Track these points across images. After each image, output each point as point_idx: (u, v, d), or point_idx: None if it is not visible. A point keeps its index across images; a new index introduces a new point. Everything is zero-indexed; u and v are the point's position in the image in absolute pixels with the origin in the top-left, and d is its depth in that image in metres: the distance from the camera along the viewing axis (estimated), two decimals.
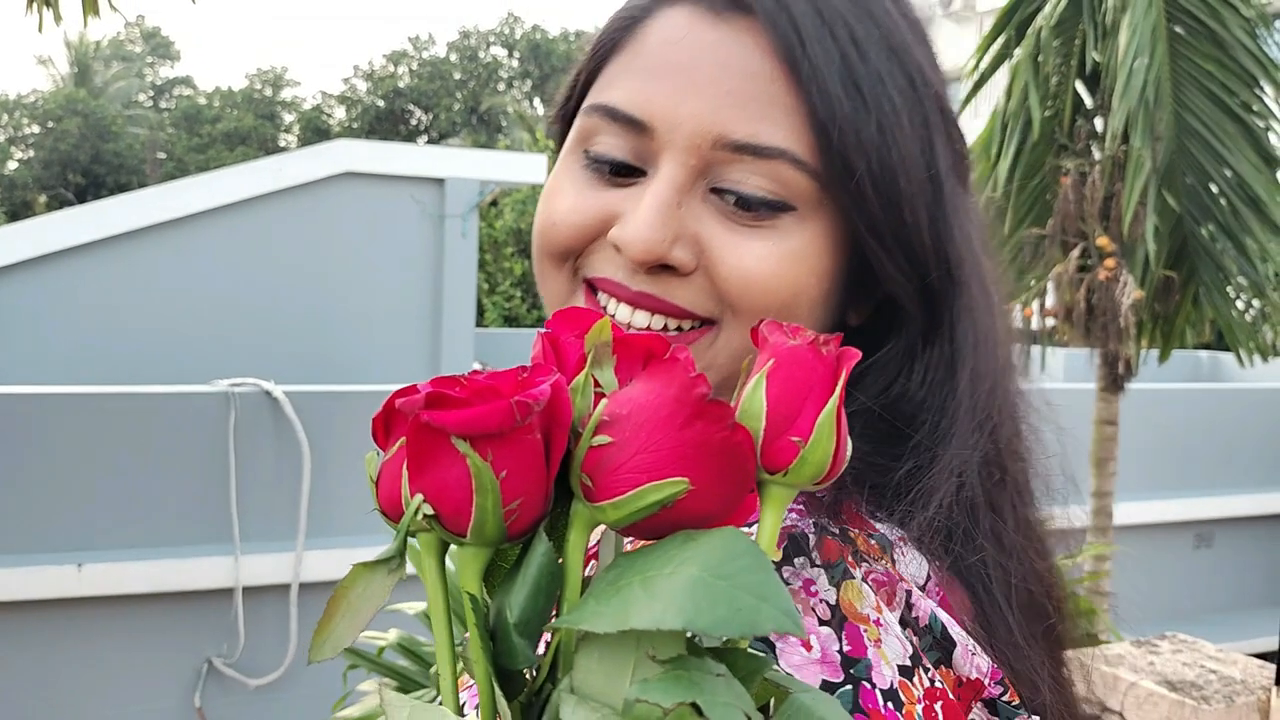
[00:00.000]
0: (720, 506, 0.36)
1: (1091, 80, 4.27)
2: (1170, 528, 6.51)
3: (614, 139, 0.62)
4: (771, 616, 0.31)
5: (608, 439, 0.36)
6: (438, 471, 0.35)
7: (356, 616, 0.38)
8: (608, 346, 0.39)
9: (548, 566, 0.36)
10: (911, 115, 0.61)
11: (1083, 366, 8.18)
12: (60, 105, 29.89)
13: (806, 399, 0.38)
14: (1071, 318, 3.94)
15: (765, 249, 0.60)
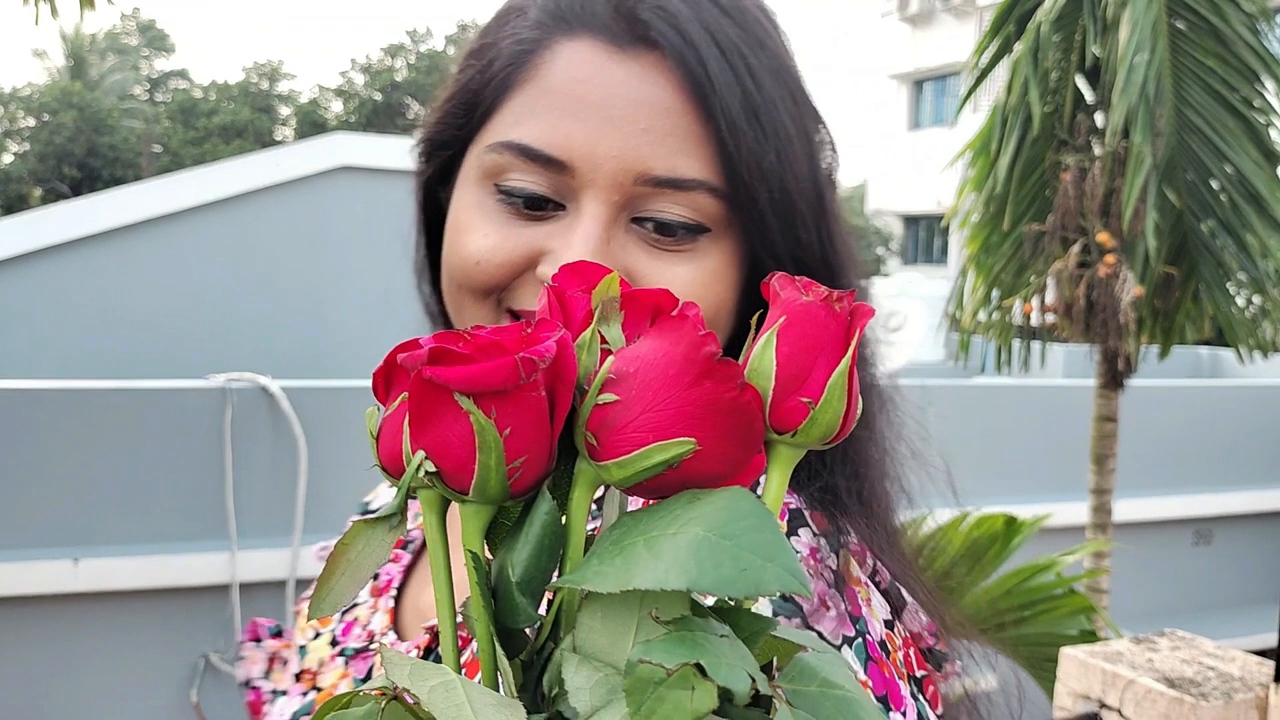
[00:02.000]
0: (727, 467, 0.35)
1: (1092, 75, 4.26)
2: (1169, 525, 6.52)
3: (531, 176, 0.62)
4: (777, 576, 0.30)
5: (613, 397, 0.35)
6: (440, 428, 0.35)
7: (357, 573, 0.37)
8: (615, 302, 0.38)
9: (551, 525, 0.36)
10: (799, 135, 0.64)
11: (1082, 363, 8.19)
12: (55, 98, 29.84)
13: (818, 358, 0.37)
14: (1071, 314, 3.93)
15: (689, 272, 0.63)
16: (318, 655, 0.73)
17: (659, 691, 0.30)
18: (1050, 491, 5.58)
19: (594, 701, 0.31)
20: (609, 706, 0.30)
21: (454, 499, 0.36)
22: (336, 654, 0.72)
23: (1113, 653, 1.91)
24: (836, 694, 0.33)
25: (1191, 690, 1.77)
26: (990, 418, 6.21)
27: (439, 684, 0.33)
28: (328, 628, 0.73)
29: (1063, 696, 1.96)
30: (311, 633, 0.74)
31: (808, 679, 0.33)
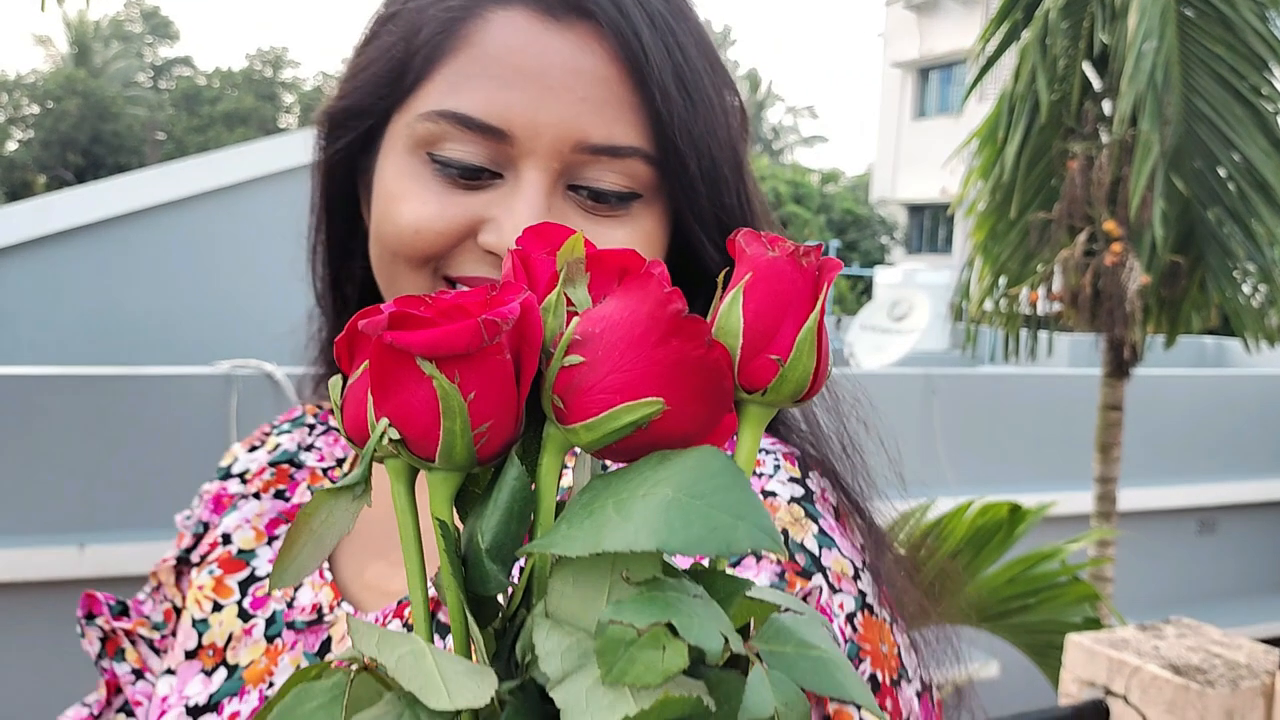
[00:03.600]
0: (698, 427, 0.35)
1: (1100, 63, 4.23)
2: (1173, 514, 6.51)
3: (467, 145, 0.62)
4: (749, 534, 0.30)
5: (579, 359, 0.34)
6: (403, 394, 0.34)
7: (320, 543, 0.37)
8: (580, 263, 0.37)
9: (520, 491, 0.35)
10: (720, 103, 0.67)
11: (1087, 352, 8.18)
12: (60, 85, 29.83)
13: (786, 314, 0.36)
14: (1077, 302, 3.92)
15: (625, 236, 0.65)
16: (225, 629, 0.69)
17: (630, 652, 0.29)
18: (1054, 480, 5.58)
19: (565, 666, 0.30)
20: (580, 670, 0.30)
21: (420, 467, 0.35)
22: (250, 628, 0.69)
23: (1119, 640, 1.91)
24: (813, 654, 0.32)
25: (1198, 677, 1.77)
26: (995, 407, 6.20)
27: (407, 652, 0.32)
28: (229, 599, 0.70)
29: (1068, 683, 1.96)
30: (208, 605, 0.70)
31: (784, 640, 0.33)
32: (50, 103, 29.41)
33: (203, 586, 0.71)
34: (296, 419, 0.80)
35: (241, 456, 0.78)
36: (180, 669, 0.69)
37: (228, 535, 0.73)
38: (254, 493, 0.74)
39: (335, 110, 0.69)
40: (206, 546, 0.74)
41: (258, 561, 0.71)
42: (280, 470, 0.75)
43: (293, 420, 0.81)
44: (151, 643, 0.74)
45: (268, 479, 0.75)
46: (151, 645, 0.74)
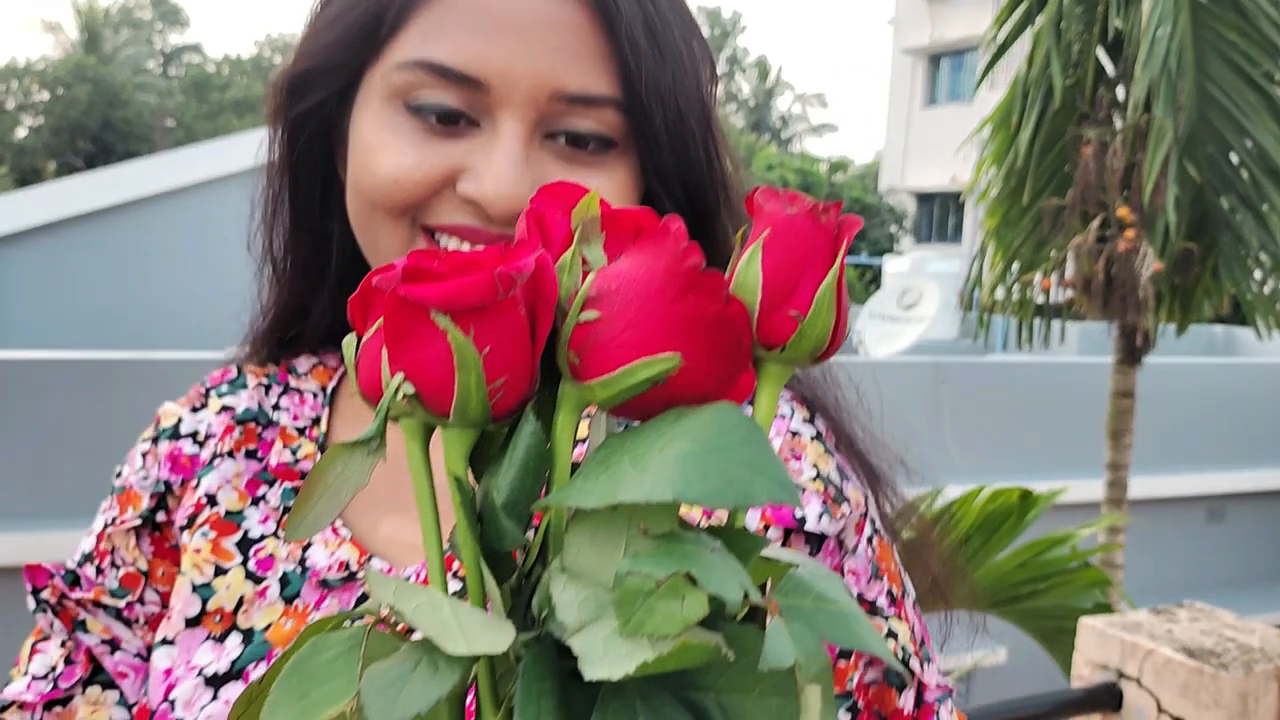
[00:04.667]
0: (715, 384, 0.34)
1: (1114, 48, 4.21)
2: (1183, 502, 6.50)
3: (443, 93, 0.63)
4: (766, 488, 0.30)
5: (595, 314, 0.34)
6: (417, 349, 0.34)
7: (335, 497, 0.37)
8: (596, 222, 0.36)
9: (535, 447, 0.35)
10: (690, 56, 0.67)
11: (1096, 341, 8.16)
12: (70, 72, 29.85)
13: (805, 271, 0.36)
14: (1090, 289, 3.91)
15: (603, 183, 0.65)
16: (234, 593, 0.67)
17: (649, 603, 0.29)
18: (1063, 469, 5.58)
19: (582, 616, 0.30)
20: (597, 621, 0.30)
21: (435, 423, 0.35)
22: (264, 590, 0.67)
23: (1132, 623, 1.91)
24: (831, 608, 0.32)
25: (1211, 661, 1.77)
26: (1004, 395, 6.19)
27: (424, 602, 0.32)
28: (231, 562, 0.68)
29: (1080, 666, 1.96)
30: (209, 569, 0.68)
31: (802, 593, 0.33)
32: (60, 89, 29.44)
33: (199, 550, 0.69)
34: (235, 380, 0.78)
35: (186, 416, 0.75)
36: (181, 638, 0.67)
37: (212, 496, 0.71)
38: (227, 451, 0.72)
39: (301, 71, 0.68)
40: (191, 507, 0.71)
41: (248, 524, 0.70)
42: (247, 429, 0.74)
43: (230, 381, 0.78)
44: (118, 611, 0.71)
45: (237, 438, 0.73)
46: (119, 614, 0.71)
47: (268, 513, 0.70)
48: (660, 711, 0.31)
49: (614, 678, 0.28)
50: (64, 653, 0.70)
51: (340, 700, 0.31)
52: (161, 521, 0.73)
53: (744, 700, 0.32)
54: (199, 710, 0.63)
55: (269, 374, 0.78)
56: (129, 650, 0.70)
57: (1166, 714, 1.78)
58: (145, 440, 0.77)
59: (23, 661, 0.71)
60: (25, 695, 0.69)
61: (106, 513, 0.75)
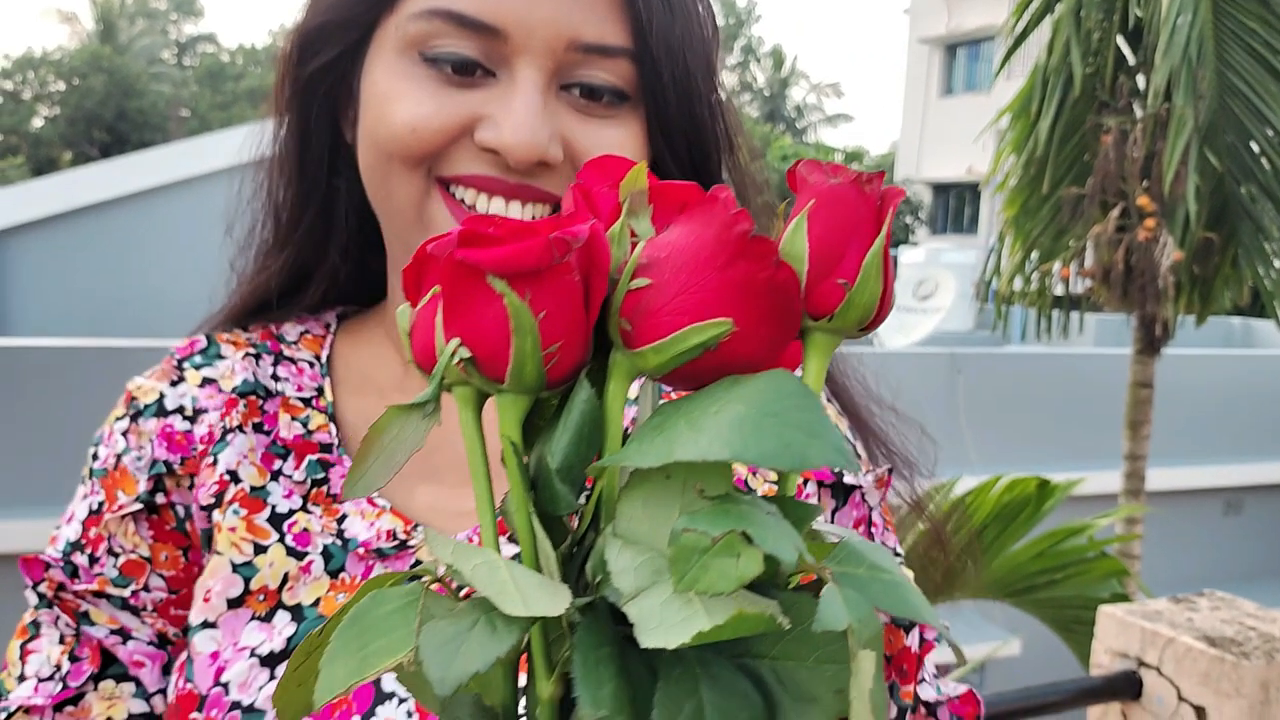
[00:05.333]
0: (765, 351, 0.34)
1: (1134, 36, 4.19)
2: (1200, 494, 6.48)
3: (459, 42, 0.62)
4: (822, 452, 0.30)
5: (646, 281, 0.34)
6: (473, 314, 0.34)
7: (390, 459, 0.37)
8: (643, 195, 0.36)
9: (590, 413, 0.35)
10: (697, 15, 0.67)
11: (1113, 332, 8.12)
12: (85, 62, 29.98)
13: (850, 240, 0.36)
14: (1109, 279, 3.89)
15: (617, 135, 0.65)
16: (278, 570, 0.66)
17: (704, 560, 0.29)
18: (1080, 460, 5.56)
19: (639, 582, 0.30)
20: (654, 586, 0.30)
21: (489, 389, 0.35)
22: (308, 565, 0.66)
23: (1152, 611, 1.90)
24: (884, 577, 0.32)
25: (1232, 649, 1.76)
26: (1020, 386, 6.17)
27: (482, 563, 0.33)
28: (269, 539, 0.66)
29: (1100, 654, 1.95)
30: (248, 547, 0.66)
31: (856, 562, 0.33)
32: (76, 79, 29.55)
33: (234, 529, 0.67)
34: (206, 350, 0.74)
35: (167, 391, 0.72)
36: (223, 620, 0.65)
37: (233, 473, 0.68)
38: (236, 426, 0.70)
39: (313, 27, 0.68)
40: (214, 485, 0.68)
41: (273, 499, 0.68)
42: (250, 402, 0.71)
43: (203, 352, 0.74)
44: (124, 600, 0.68)
45: (243, 411, 0.71)
46: (125, 603, 0.68)
47: (291, 487, 0.69)
48: (720, 679, 0.31)
49: (670, 647, 0.28)
50: (65, 649, 0.68)
51: (398, 652, 0.31)
52: (161, 504, 0.69)
53: (798, 668, 0.32)
54: (257, 691, 0.62)
55: (253, 342, 0.75)
56: (141, 638, 0.68)
57: (1187, 703, 1.77)
58: (121, 418, 0.72)
59: (13, 665, 0.68)
60: (34, 699, 0.66)
61: (90, 498, 0.70)
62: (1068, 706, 1.83)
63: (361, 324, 0.78)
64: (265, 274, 0.75)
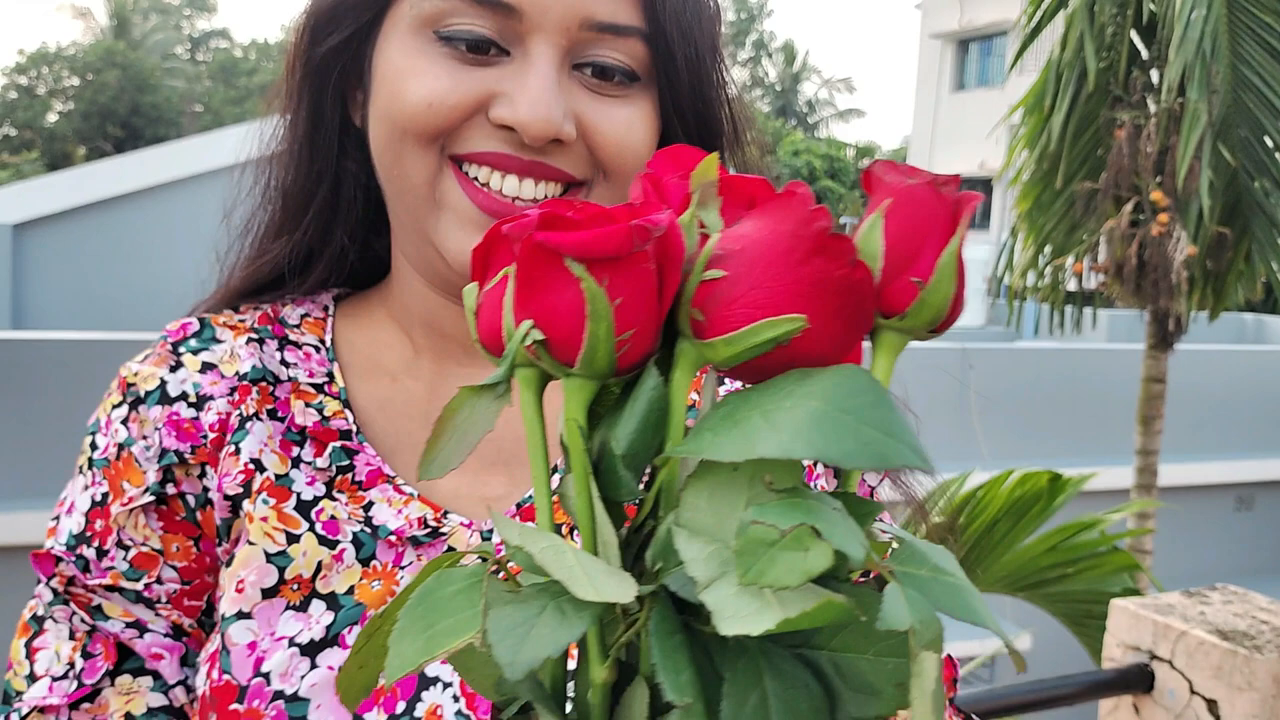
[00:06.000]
0: (833, 348, 0.34)
1: (1148, 31, 4.17)
2: (1211, 489, 6.46)
3: (474, 20, 0.63)
4: (900, 452, 0.30)
5: (720, 273, 0.34)
6: (549, 297, 0.34)
7: (464, 439, 0.37)
8: (714, 186, 0.36)
9: (657, 401, 0.35)
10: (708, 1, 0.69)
11: (1125, 328, 8.09)
12: (99, 58, 30.06)
13: (926, 240, 0.36)
14: (1122, 274, 3.88)
15: (629, 114, 0.66)
16: (311, 559, 0.65)
17: (771, 553, 0.29)
18: (1091, 456, 5.55)
19: (709, 572, 0.30)
20: (723, 578, 0.30)
21: (558, 373, 0.35)
22: (340, 554, 0.65)
23: (1164, 605, 1.91)
24: (947, 580, 0.32)
25: (1245, 643, 1.76)
26: (1032, 382, 6.16)
27: (548, 546, 0.33)
28: (300, 529, 0.66)
29: (1111, 648, 1.96)
30: (281, 536, 0.66)
31: (918, 563, 0.33)
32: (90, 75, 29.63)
33: (266, 519, 0.66)
34: (200, 333, 0.72)
35: (168, 377, 0.70)
36: (258, 610, 0.64)
37: (258, 461, 0.67)
38: (253, 414, 0.69)
39: (326, 8, 0.68)
40: (240, 474, 0.67)
41: (297, 487, 0.67)
42: (262, 389, 0.69)
43: (196, 335, 0.72)
44: (138, 594, 0.67)
45: (257, 398, 0.69)
46: (139, 596, 0.67)
47: (313, 474, 0.68)
48: (782, 670, 0.31)
49: (753, 634, 0.28)
50: (76, 645, 0.66)
51: (465, 632, 0.31)
52: (171, 495, 0.67)
53: (858, 659, 0.32)
54: (299, 680, 0.62)
55: (253, 326, 0.73)
56: (157, 631, 0.67)
57: (1199, 696, 1.78)
58: (119, 406, 0.70)
59: (21, 664, 0.67)
60: (49, 699, 0.65)
61: (92, 489, 0.68)
62: (1080, 699, 1.83)
63: (360, 306, 0.77)
64: (266, 258, 0.74)
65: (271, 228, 0.74)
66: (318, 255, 0.74)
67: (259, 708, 0.62)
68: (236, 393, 0.69)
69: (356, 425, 0.70)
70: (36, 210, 8.26)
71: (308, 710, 0.61)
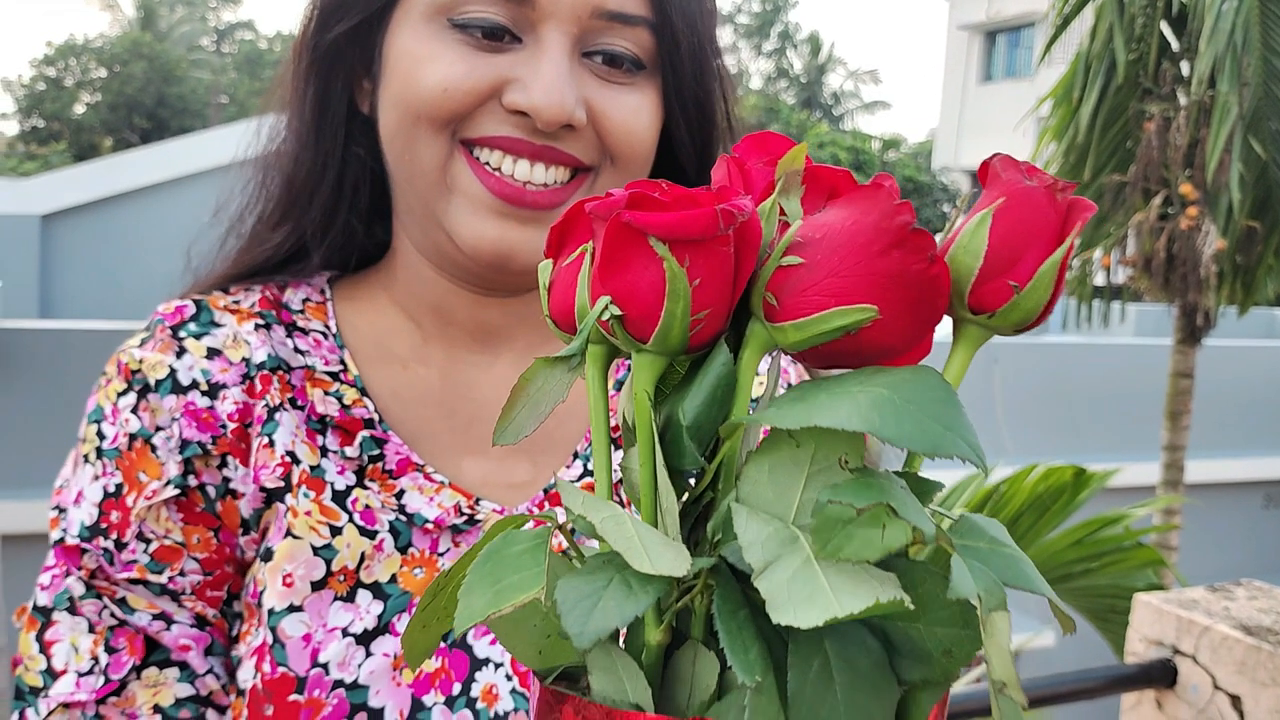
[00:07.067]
0: (903, 340, 0.35)
1: (1178, 22, 4.13)
2: (1239, 487, 6.40)
3: (488, 8, 0.64)
4: (955, 443, 0.31)
5: (798, 260, 0.35)
6: (629, 274, 0.35)
7: (536, 408, 0.39)
8: (799, 174, 0.37)
9: (725, 377, 0.36)
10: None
11: (1153, 322, 8.03)
12: (126, 49, 30.27)
13: (1031, 244, 0.36)
14: (1150, 268, 3.85)
15: (636, 102, 0.67)
16: (355, 550, 0.66)
17: (848, 529, 0.30)
18: (1117, 452, 5.51)
19: (766, 555, 0.31)
20: (780, 560, 0.31)
21: (630, 348, 0.36)
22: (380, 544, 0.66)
23: (1188, 600, 1.90)
24: (1005, 552, 0.34)
25: (1269, 638, 1.75)
26: (1058, 377, 6.12)
27: (609, 516, 0.34)
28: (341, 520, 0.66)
29: (1134, 642, 1.95)
30: (325, 529, 0.66)
31: (977, 536, 0.34)
32: (117, 66, 29.85)
33: (309, 512, 0.66)
34: (199, 317, 0.71)
35: (177, 365, 0.68)
36: (308, 602, 0.64)
37: (291, 453, 0.67)
38: (278, 404, 0.68)
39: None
40: (278, 467, 0.67)
41: (330, 477, 0.67)
42: (280, 377, 0.69)
43: (195, 319, 0.71)
44: (162, 586, 0.66)
45: (278, 388, 0.69)
46: (163, 589, 0.66)
47: (341, 463, 0.68)
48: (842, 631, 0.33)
49: (803, 627, 0.29)
50: (97, 639, 0.65)
51: (529, 589, 0.33)
52: (191, 486, 0.67)
53: (910, 628, 0.33)
54: (356, 668, 0.63)
55: (258, 311, 0.72)
56: (183, 622, 0.66)
57: (1222, 691, 1.77)
58: (125, 394, 0.68)
59: (34, 659, 0.66)
60: (77, 694, 0.64)
61: (104, 479, 0.67)
62: (1101, 693, 1.82)
63: (357, 289, 0.76)
64: (265, 246, 0.74)
65: (273, 216, 0.75)
66: (319, 240, 0.74)
67: (320, 697, 0.63)
68: (257, 381, 0.69)
69: (378, 413, 0.70)
70: (64, 201, 8.35)
71: (367, 696, 0.63)
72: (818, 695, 0.32)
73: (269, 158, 0.75)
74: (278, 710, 0.63)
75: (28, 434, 4.45)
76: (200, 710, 0.66)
